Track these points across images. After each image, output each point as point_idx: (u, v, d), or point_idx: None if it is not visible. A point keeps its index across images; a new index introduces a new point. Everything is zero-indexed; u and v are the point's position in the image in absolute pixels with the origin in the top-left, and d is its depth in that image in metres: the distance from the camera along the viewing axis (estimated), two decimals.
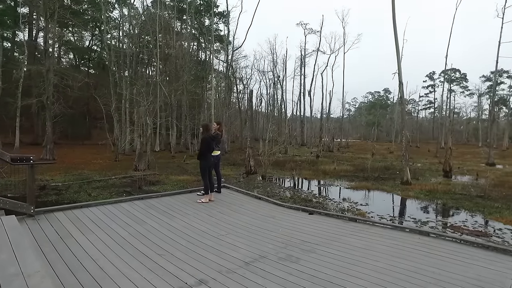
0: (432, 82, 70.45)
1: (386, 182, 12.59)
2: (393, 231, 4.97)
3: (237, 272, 3.48)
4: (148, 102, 16.69)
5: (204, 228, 5.05)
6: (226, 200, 6.90)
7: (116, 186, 10.53)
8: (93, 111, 36.92)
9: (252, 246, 4.30)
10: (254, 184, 11.86)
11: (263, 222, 5.45)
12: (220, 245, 4.33)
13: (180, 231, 4.86)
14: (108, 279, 3.22)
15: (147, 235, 4.59)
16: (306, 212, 6.12)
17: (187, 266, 3.62)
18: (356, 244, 4.37)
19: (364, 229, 5.09)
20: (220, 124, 7.52)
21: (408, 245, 4.30)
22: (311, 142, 43.14)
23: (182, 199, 6.77)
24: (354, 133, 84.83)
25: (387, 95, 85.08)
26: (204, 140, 6.60)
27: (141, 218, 5.37)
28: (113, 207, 5.90)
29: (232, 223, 5.35)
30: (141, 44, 31.08)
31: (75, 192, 9.30)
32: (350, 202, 9.35)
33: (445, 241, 4.53)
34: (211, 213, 5.89)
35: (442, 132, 44.03)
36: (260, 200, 7.07)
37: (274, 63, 45.96)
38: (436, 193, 10.27)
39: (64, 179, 11.65)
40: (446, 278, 3.33)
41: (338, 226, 5.26)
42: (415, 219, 7.51)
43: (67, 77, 30.92)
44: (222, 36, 38.47)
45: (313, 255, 3.97)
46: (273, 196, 9.62)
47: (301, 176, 14.58)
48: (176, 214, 5.72)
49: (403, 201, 9.76)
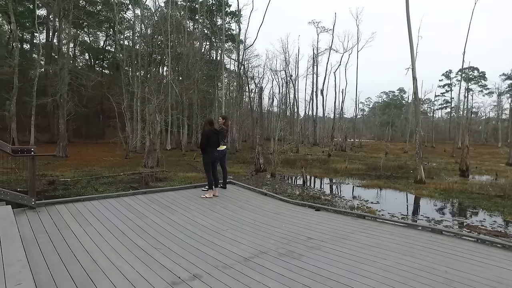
0: (449, 81, 68.59)
1: (399, 180, 12.18)
2: (404, 229, 4.69)
3: (234, 267, 3.30)
4: (158, 100, 16.71)
5: (205, 223, 4.89)
6: (231, 195, 6.73)
7: (123, 182, 10.51)
8: (107, 110, 37.47)
9: (253, 241, 4.11)
10: (262, 182, 11.67)
11: (267, 218, 5.25)
12: (220, 240, 4.16)
13: (180, 225, 4.72)
14: (99, 272, 3.10)
15: (146, 229, 4.47)
16: (313, 209, 5.89)
17: (182, 260, 3.46)
18: (364, 241, 4.12)
19: (373, 226, 4.83)
20: (226, 118, 7.36)
21: (419, 243, 4.02)
22: (324, 142, 42.61)
23: (186, 194, 6.64)
24: (368, 133, 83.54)
25: (402, 94, 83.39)
26: (203, 134, 6.46)
27: (142, 212, 5.26)
28: (115, 201, 5.82)
29: (235, 219, 5.17)
30: (153, 43, 31.30)
31: (82, 187, 9.32)
32: (360, 200, 9.04)
33: (460, 239, 4.23)
34: (214, 208, 5.73)
35: (459, 132, 42.76)
36: (266, 196, 6.87)
37: (286, 62, 45.76)
38: (451, 192, 9.83)
39: (74, 175, 11.74)
40: (460, 278, 3.06)
41: (345, 223, 5.01)
42: (428, 218, 7.15)
43: (81, 76, 31.56)
44: (234, 35, 38.41)
45: (317, 252, 3.75)
46: (281, 193, 9.39)
47: (311, 174, 14.30)
48: (178, 208, 5.59)
49: (416, 200, 9.37)
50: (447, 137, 61.89)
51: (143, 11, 31.46)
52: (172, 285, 2.89)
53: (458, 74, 64.68)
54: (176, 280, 2.98)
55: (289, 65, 45.86)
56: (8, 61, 19.73)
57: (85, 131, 37.73)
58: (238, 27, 33.30)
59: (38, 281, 2.85)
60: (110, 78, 38.58)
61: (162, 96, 19.49)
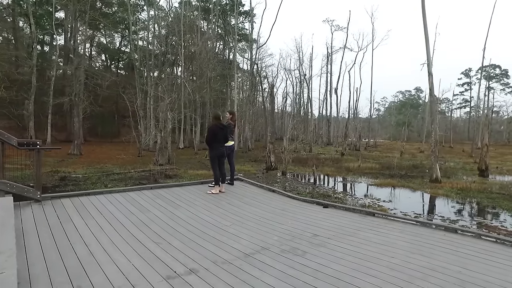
0: (468, 79, 66.55)
1: (413, 179, 11.78)
2: (415, 227, 4.45)
3: (234, 263, 3.17)
4: (170, 97, 16.78)
5: (209, 218, 4.79)
6: (237, 192, 6.62)
7: (133, 179, 10.57)
8: (122, 110, 38.07)
9: (256, 237, 3.98)
10: (273, 180, 11.51)
11: (273, 215, 5.11)
12: (222, 235, 4.05)
13: (183, 220, 4.63)
14: (95, 264, 3.04)
15: (148, 223, 4.40)
16: (321, 206, 5.70)
17: (181, 255, 3.36)
18: (372, 239, 3.93)
19: (383, 224, 4.61)
20: (233, 114, 7.25)
21: (431, 241, 3.79)
22: (338, 141, 42.02)
23: (192, 190, 6.56)
24: (384, 133, 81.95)
25: (419, 94, 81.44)
26: (209, 129, 6.36)
27: (146, 207, 5.20)
28: (120, 195, 5.79)
29: (239, 214, 5.05)
30: (168, 43, 31.59)
31: (92, 183, 9.41)
32: (372, 198, 8.76)
33: (477, 239, 3.97)
34: (219, 204, 5.63)
35: (479, 132, 41.36)
36: (273, 193, 6.72)
37: (300, 61, 45.40)
38: (469, 191, 9.40)
39: (85, 171, 11.89)
40: (475, 280, 2.83)
41: (354, 220, 4.81)
42: (443, 217, 6.83)
43: (96, 76, 32.16)
44: (247, 35, 38.35)
45: (322, 249, 3.59)
46: (291, 191, 9.22)
47: (323, 173, 14.04)
48: (183, 204, 5.51)
49: (431, 199, 9.01)
50: (466, 137, 59.97)
51: (156, 12, 31.80)
52: (166, 279, 2.79)
53: (478, 72, 62.95)
54: (171, 274, 2.89)
55: (303, 64, 45.55)
56: (27, 61, 20.26)
57: (101, 131, 38.43)
58: (250, 26, 33.23)
59: (32, 273, 2.82)
60: (125, 78, 39.20)
61: (174, 95, 19.59)
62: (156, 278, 2.81)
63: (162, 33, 32.91)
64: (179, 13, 30.91)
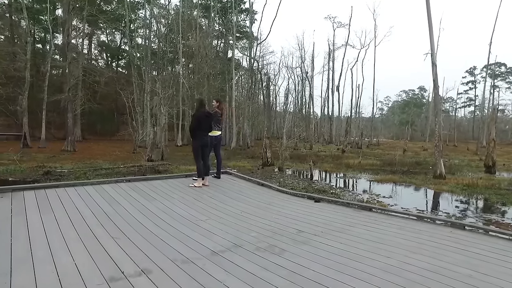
0: (473, 78, 65.43)
1: (416, 176, 11.19)
2: (417, 223, 3.91)
3: (196, 262, 2.65)
4: (165, 93, 16.29)
5: (183, 212, 4.28)
6: (223, 185, 6.09)
7: (121, 174, 10.07)
8: (121, 108, 37.64)
9: (231, 233, 3.46)
10: (268, 175, 10.97)
11: (257, 209, 4.58)
12: (193, 231, 3.53)
13: (153, 214, 4.12)
14: (28, 263, 2.54)
15: (113, 217, 3.89)
16: (312, 200, 5.16)
17: (138, 252, 2.85)
18: (366, 236, 3.39)
19: (379, 219, 4.07)
20: (221, 102, 6.71)
21: (435, 239, 3.24)
22: (339, 140, 41.36)
23: (174, 183, 6.05)
24: (387, 132, 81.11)
25: (422, 93, 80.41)
26: (194, 116, 5.83)
27: (117, 200, 4.70)
28: (92, 188, 5.29)
29: (219, 209, 4.53)
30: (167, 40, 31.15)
31: (76, 178, 8.92)
32: (372, 194, 8.19)
33: (488, 236, 3.41)
34: (199, 197, 5.11)
35: (484, 130, 40.54)
36: (262, 186, 6.19)
37: (302, 59, 44.73)
38: (476, 187, 8.81)
39: (73, 166, 11.42)
40: (488, 285, 2.28)
41: (347, 216, 4.27)
42: (448, 213, 6.26)
43: (94, 73, 31.74)
44: (248, 32, 37.77)
45: (304, 248, 3.05)
46: (285, 186, 8.67)
47: (321, 169, 13.46)
48: (159, 197, 4.99)
49: (436, 195, 8.42)
50: (470, 136, 58.96)
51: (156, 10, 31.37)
52: (108, 282, 2.28)
53: (483, 70, 61.87)
54: (116, 276, 2.37)
55: (304, 62, 44.86)
56: (21, 56, 19.87)
57: (100, 128, 38.10)
58: (250, 22, 32.66)
59: None
60: (126, 76, 38.81)
61: (171, 90, 19.09)
62: (96, 280, 2.29)
63: (161, 30, 32.49)
64: (179, 10, 30.40)
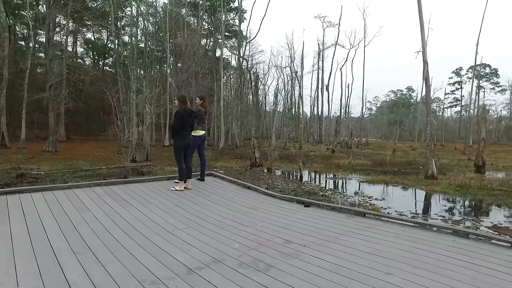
0: (459, 78, 66.46)
1: (407, 176, 10.98)
2: (415, 230, 3.58)
3: (167, 284, 2.26)
4: (151, 91, 15.75)
5: (160, 220, 3.86)
6: (207, 189, 5.69)
7: (101, 176, 9.54)
8: (107, 107, 36.72)
9: (210, 245, 3.07)
10: (256, 176, 10.59)
11: (241, 215, 4.20)
12: (168, 242, 3.13)
13: (127, 222, 3.69)
14: None
15: (79, 227, 3.46)
16: (302, 204, 4.81)
17: (100, 272, 2.44)
18: (361, 247, 3.04)
19: (374, 226, 3.74)
20: (204, 99, 6.29)
21: (437, 250, 2.92)
22: (329, 140, 41.31)
23: (154, 186, 5.62)
24: (376, 132, 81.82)
25: (410, 93, 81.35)
26: (176, 115, 5.40)
27: (88, 206, 4.26)
28: (63, 193, 4.83)
29: (200, 215, 4.13)
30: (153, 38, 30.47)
31: (51, 181, 8.36)
32: (363, 196, 7.89)
33: (497, 247, 3.10)
34: (180, 203, 4.70)
35: (470, 130, 41.12)
36: (249, 189, 5.81)
37: (292, 58, 44.46)
38: (468, 188, 8.62)
39: (51, 168, 10.82)
40: None
41: (339, 222, 3.93)
42: (444, 217, 5.99)
43: (79, 71, 30.80)
44: (237, 31, 37.34)
45: (293, 262, 2.69)
46: (273, 188, 8.31)
47: (311, 170, 13.16)
48: (135, 202, 4.56)
49: (428, 197, 8.18)
50: (457, 136, 59.84)
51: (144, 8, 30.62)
52: None
53: (469, 71, 62.94)
54: None
55: (294, 61, 44.62)
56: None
57: (85, 128, 37.11)
58: (238, 19, 32.19)
59: None
60: (112, 75, 37.91)
61: (157, 89, 18.54)
62: None
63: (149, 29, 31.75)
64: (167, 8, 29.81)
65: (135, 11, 30.08)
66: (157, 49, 33.12)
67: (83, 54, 42.52)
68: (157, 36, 31.53)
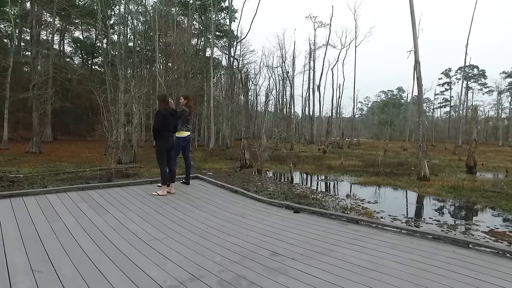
0: (448, 79, 67.39)
1: (399, 177, 10.84)
2: (413, 239, 3.34)
3: None
4: (139, 91, 15.32)
5: (137, 229, 3.54)
6: (191, 193, 5.38)
7: (84, 179, 9.15)
8: (96, 107, 35.96)
9: (189, 258, 2.77)
10: (245, 178, 10.31)
11: (226, 223, 3.90)
12: (142, 255, 2.82)
13: (100, 232, 3.36)
14: None
15: (46, 239, 3.12)
16: (291, 210, 4.54)
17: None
18: (356, 260, 2.77)
19: (369, 235, 3.48)
20: (189, 98, 5.96)
21: (437, 263, 2.67)
22: (320, 140, 41.25)
23: (136, 191, 5.28)
24: (367, 132, 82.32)
25: (401, 93, 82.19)
26: (158, 113, 5.07)
27: (60, 214, 3.91)
28: (34, 199, 4.47)
29: (181, 223, 3.82)
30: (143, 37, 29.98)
31: (30, 184, 7.94)
32: (356, 199, 7.68)
33: (498, 257, 2.87)
34: (161, 209, 4.38)
35: (460, 130, 41.53)
36: (236, 194, 5.52)
37: (283, 59, 44.29)
38: (461, 190, 8.49)
39: (31, 170, 10.35)
40: None
41: (331, 230, 3.66)
42: (439, 221, 5.79)
43: (66, 70, 30.06)
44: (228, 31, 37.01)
45: (280, 279, 2.40)
46: (262, 191, 8.04)
47: (302, 171, 12.92)
48: (113, 209, 4.23)
49: (421, 199, 8.02)
50: (446, 136, 60.63)
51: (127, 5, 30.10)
52: None
53: (458, 72, 63.81)
54: None
55: (285, 61, 44.45)
56: None
57: (73, 128, 36.27)
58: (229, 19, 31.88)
59: None
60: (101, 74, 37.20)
61: (145, 88, 18.07)
62: None
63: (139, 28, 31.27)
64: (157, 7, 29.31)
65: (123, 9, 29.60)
66: (147, 49, 32.56)
67: (71, 53, 41.66)
68: (147, 35, 31.02)
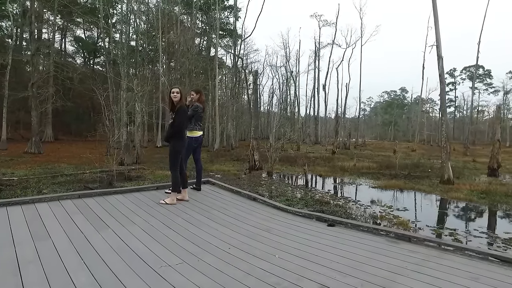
0: (453, 79, 66.50)
1: (420, 180, 10.14)
2: (491, 267, 2.65)
3: None
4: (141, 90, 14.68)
5: (144, 250, 2.87)
6: (204, 201, 4.71)
7: (83, 182, 8.51)
8: (98, 106, 35.44)
9: None
10: (256, 182, 9.64)
11: (251, 240, 3.23)
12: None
13: (98, 256, 2.69)
14: None
15: (25, 267, 2.45)
16: (324, 222, 3.86)
17: None
18: None
19: (431, 258, 2.80)
20: (201, 93, 5.27)
21: None
22: (326, 140, 40.52)
23: (140, 198, 4.61)
24: (370, 133, 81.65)
25: (404, 94, 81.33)
26: (182, 112, 4.31)
27: (49, 230, 3.25)
28: (20, 209, 3.80)
29: (198, 242, 3.15)
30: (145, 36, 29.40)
31: (23, 188, 7.28)
32: (382, 205, 6.98)
33: None
34: (172, 222, 3.70)
35: (467, 130, 40.68)
36: (255, 201, 4.84)
37: (287, 58, 43.65)
38: (495, 195, 7.79)
39: (27, 172, 9.72)
40: None
41: (382, 251, 2.98)
42: (487, 234, 5.06)
43: (67, 69, 29.47)
44: (232, 30, 36.39)
45: None
46: (278, 196, 7.37)
47: (314, 173, 12.23)
48: (113, 222, 3.56)
49: (454, 206, 7.32)
50: (451, 137, 59.74)
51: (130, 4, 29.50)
52: None
53: (463, 72, 63.03)
54: None
55: (289, 60, 43.79)
56: None
57: (75, 128, 35.74)
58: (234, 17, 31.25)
59: None
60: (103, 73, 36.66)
61: (148, 87, 17.47)
62: None
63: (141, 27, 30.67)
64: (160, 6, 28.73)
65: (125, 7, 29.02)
66: (149, 48, 32.01)
67: (73, 52, 41.14)
68: (150, 34, 30.46)
